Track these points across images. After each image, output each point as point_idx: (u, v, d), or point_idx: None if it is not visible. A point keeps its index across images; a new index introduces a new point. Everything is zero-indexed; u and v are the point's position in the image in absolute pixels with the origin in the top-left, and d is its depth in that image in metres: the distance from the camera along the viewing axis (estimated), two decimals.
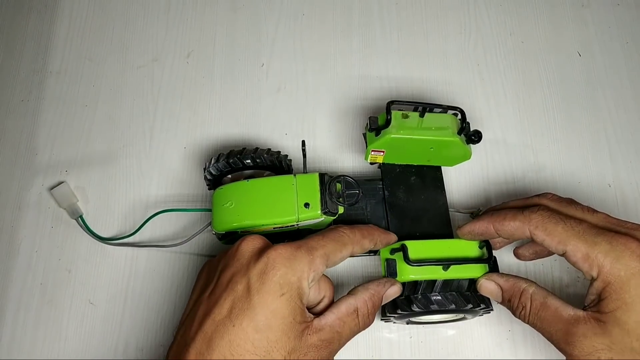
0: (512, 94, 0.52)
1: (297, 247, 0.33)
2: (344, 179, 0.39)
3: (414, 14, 0.55)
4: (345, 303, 0.34)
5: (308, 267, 0.32)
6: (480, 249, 0.39)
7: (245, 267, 0.32)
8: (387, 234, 0.39)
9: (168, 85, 0.51)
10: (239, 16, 0.55)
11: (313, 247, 0.33)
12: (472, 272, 0.38)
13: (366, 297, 0.34)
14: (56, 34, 0.53)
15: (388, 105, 0.39)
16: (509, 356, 0.42)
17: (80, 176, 0.48)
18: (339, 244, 0.34)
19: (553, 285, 0.44)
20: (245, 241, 0.33)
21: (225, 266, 0.33)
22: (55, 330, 0.43)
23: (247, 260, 0.32)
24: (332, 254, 0.34)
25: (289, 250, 0.32)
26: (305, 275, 0.32)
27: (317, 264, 0.32)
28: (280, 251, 0.32)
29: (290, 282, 0.31)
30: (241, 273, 0.32)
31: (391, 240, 0.39)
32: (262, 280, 0.31)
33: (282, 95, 0.51)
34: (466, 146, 0.41)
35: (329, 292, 0.35)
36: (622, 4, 0.56)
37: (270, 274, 0.31)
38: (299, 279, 0.32)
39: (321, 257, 0.33)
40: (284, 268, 0.31)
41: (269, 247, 0.33)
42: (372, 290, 0.35)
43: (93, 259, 0.45)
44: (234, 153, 0.41)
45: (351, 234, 0.36)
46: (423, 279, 0.37)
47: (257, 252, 0.33)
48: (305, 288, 0.32)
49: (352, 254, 0.35)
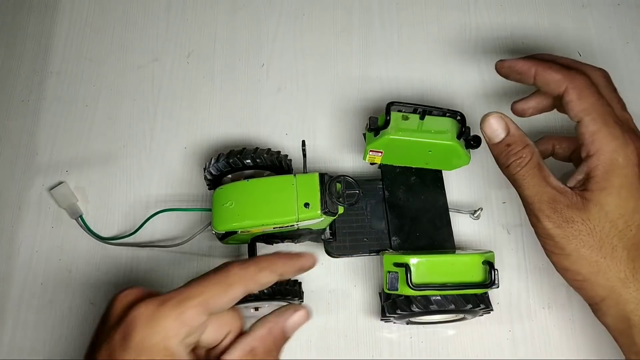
0: (512, 94, 0.52)
1: (163, 301, 0.28)
2: (344, 179, 0.39)
3: (414, 14, 0.55)
4: (240, 344, 0.30)
5: (176, 323, 0.27)
6: (484, 270, 0.38)
7: (109, 332, 0.28)
8: (298, 259, 0.32)
9: (168, 86, 0.51)
10: (239, 16, 0.55)
11: (186, 298, 0.28)
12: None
13: (264, 332, 0.30)
14: (56, 34, 0.53)
15: (388, 106, 0.39)
16: (509, 356, 0.42)
17: (80, 176, 0.48)
18: (223, 285, 0.29)
19: None
20: (116, 300, 0.29)
21: (97, 330, 0.29)
22: (56, 330, 0.43)
23: (112, 324, 0.28)
24: (213, 300, 0.28)
25: (152, 307, 0.27)
26: (173, 333, 0.27)
27: (189, 317, 0.27)
28: (141, 310, 0.27)
29: (151, 346, 0.26)
30: (106, 341, 0.27)
31: (306, 264, 0.32)
32: (123, 346, 0.27)
33: (282, 95, 0.51)
34: (465, 151, 0.41)
35: (235, 326, 0.31)
36: (622, 4, 0.56)
37: (130, 339, 0.27)
38: (163, 339, 0.27)
39: (196, 307, 0.28)
40: (143, 330, 0.27)
41: (136, 303, 0.28)
42: (270, 324, 0.31)
43: (93, 259, 0.45)
44: (234, 153, 0.42)
45: (241, 270, 0.30)
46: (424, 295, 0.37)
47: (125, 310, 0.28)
48: (175, 347, 0.27)
49: (246, 292, 0.30)
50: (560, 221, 0.34)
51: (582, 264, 0.34)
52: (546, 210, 0.34)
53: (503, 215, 0.47)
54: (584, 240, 0.33)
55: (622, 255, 0.33)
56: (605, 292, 0.34)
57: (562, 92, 0.36)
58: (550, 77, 0.36)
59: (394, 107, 0.40)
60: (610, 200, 0.33)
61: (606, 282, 0.33)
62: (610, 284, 0.33)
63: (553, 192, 0.34)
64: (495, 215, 0.47)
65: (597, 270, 0.33)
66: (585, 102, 0.35)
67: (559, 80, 0.36)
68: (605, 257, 0.33)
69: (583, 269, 0.34)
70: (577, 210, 0.33)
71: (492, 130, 0.36)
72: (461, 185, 0.48)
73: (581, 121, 0.35)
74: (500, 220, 0.46)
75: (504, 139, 0.36)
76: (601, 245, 0.33)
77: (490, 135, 0.37)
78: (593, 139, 0.34)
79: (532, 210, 0.35)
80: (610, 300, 0.34)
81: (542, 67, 0.37)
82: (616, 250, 0.33)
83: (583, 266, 0.34)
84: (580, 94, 0.35)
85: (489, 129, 0.36)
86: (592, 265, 0.33)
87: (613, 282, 0.33)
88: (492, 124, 0.36)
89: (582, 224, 0.33)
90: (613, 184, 0.33)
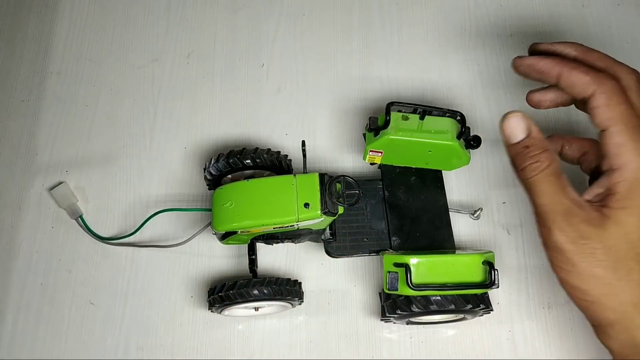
0: (512, 94, 0.52)
1: None
2: (344, 179, 0.39)
3: (414, 14, 0.55)
4: None
5: None
6: (484, 270, 0.38)
7: None
8: None
9: (168, 86, 0.51)
10: (239, 16, 0.55)
11: None
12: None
13: None
14: (56, 34, 0.53)
15: (388, 106, 0.39)
16: (509, 356, 0.42)
17: (80, 176, 0.48)
18: None
19: None
20: None
21: None
22: (56, 330, 0.43)
23: None
24: None
25: None
26: None
27: None
28: None
29: None
30: None
31: None
32: None
33: (282, 96, 0.51)
34: (465, 151, 0.41)
35: None
36: (622, 4, 0.56)
37: None
38: None
39: None
40: None
41: None
42: None
43: (93, 259, 0.45)
44: (234, 153, 0.42)
45: None
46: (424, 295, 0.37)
47: None
48: None
49: None
50: (574, 236, 0.31)
51: (593, 284, 0.31)
52: (560, 222, 0.31)
53: (503, 215, 0.47)
54: (598, 259, 0.31)
55: (639, 279, 0.31)
56: (615, 316, 0.32)
57: (588, 96, 0.33)
58: (577, 80, 0.33)
59: (394, 107, 0.40)
60: (631, 220, 0.31)
61: (618, 305, 0.31)
62: (622, 308, 0.31)
63: (569, 204, 0.31)
64: (495, 215, 0.47)
65: (609, 293, 0.31)
66: (614, 110, 0.32)
67: (586, 83, 0.33)
68: (620, 279, 0.31)
69: (594, 290, 0.31)
70: (594, 227, 0.31)
71: (511, 130, 0.33)
72: (461, 185, 0.48)
73: (606, 130, 0.32)
74: (500, 220, 0.46)
75: (522, 140, 0.33)
76: (617, 267, 0.31)
77: (508, 135, 0.34)
78: (618, 152, 0.31)
79: (544, 221, 0.32)
80: (619, 325, 0.32)
81: (567, 68, 0.33)
82: (632, 273, 0.31)
83: (594, 287, 0.31)
84: (609, 100, 0.32)
85: (509, 128, 0.33)
86: (605, 287, 0.31)
87: (625, 307, 0.31)
88: (512, 124, 0.33)
89: (598, 242, 0.31)
90: (636, 203, 0.31)
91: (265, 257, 0.45)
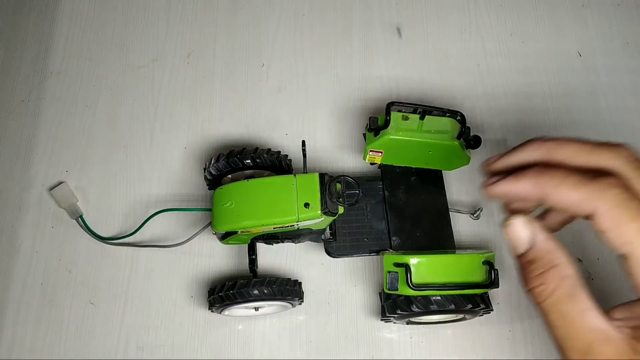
0: (512, 94, 0.52)
1: None
2: (344, 179, 0.39)
3: (414, 14, 0.55)
4: None
5: None
6: (484, 270, 0.38)
7: None
8: None
9: (168, 86, 0.51)
10: (239, 16, 0.55)
11: None
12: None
13: None
14: (56, 34, 0.53)
15: (388, 106, 0.39)
16: (509, 356, 0.42)
17: (80, 176, 0.48)
18: None
19: None
20: None
21: None
22: (56, 330, 0.43)
23: None
24: None
25: None
26: None
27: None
28: None
29: None
30: None
31: None
32: None
33: (283, 96, 0.51)
34: (465, 151, 0.41)
35: None
36: (622, 4, 0.56)
37: None
38: None
39: None
40: None
41: None
42: None
43: (93, 259, 0.45)
44: (234, 153, 0.42)
45: None
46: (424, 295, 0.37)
47: None
48: None
49: None
50: None
51: None
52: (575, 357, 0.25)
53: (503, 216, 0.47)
54: None
55: None
56: None
57: (589, 216, 0.26)
58: (567, 199, 0.26)
59: (394, 107, 0.40)
60: None
61: None
62: None
63: (590, 337, 0.25)
64: (495, 215, 0.47)
65: None
66: (628, 229, 0.25)
67: (579, 202, 0.25)
68: None
69: None
70: None
71: (515, 238, 0.28)
72: (461, 185, 0.48)
73: (629, 259, 0.25)
74: (500, 220, 0.46)
75: (526, 253, 0.27)
76: None
77: (512, 246, 0.28)
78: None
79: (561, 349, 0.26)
80: None
81: (549, 186, 0.26)
82: None
83: None
84: (618, 220, 0.25)
85: (512, 236, 0.28)
86: None
87: None
88: (514, 232, 0.28)
89: None
90: None
91: (265, 257, 0.45)
